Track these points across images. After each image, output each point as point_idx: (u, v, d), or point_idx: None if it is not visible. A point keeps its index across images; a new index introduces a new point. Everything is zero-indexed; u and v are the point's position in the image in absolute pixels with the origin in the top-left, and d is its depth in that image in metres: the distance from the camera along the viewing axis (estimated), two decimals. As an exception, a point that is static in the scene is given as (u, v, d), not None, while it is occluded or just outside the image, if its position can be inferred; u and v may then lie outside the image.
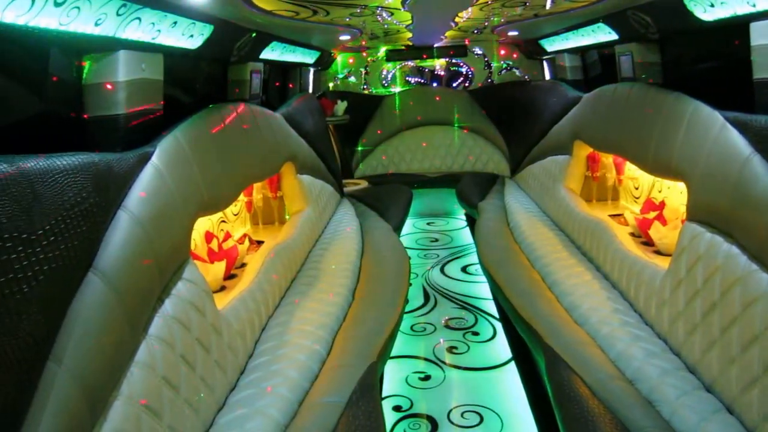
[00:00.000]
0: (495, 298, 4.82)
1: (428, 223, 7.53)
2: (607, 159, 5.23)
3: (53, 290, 1.67)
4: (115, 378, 1.91)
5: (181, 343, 2.31)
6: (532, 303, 3.51)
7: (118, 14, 2.36)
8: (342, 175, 6.85)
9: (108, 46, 2.55)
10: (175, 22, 2.88)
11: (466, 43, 7.92)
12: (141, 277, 2.13)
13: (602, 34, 4.82)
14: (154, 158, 2.52)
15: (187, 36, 3.11)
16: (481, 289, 5.24)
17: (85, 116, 2.62)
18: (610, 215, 4.50)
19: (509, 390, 3.66)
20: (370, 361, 2.77)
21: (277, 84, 6.05)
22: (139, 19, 2.54)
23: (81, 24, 2.21)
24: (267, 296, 3.35)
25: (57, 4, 2.01)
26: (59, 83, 2.58)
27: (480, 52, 8.18)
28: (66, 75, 2.61)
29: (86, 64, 2.60)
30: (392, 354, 3.53)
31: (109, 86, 2.60)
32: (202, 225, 3.65)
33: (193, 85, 4.09)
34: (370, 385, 2.56)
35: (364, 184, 7.30)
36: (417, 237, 6.97)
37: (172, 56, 3.04)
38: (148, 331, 2.17)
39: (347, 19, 4.39)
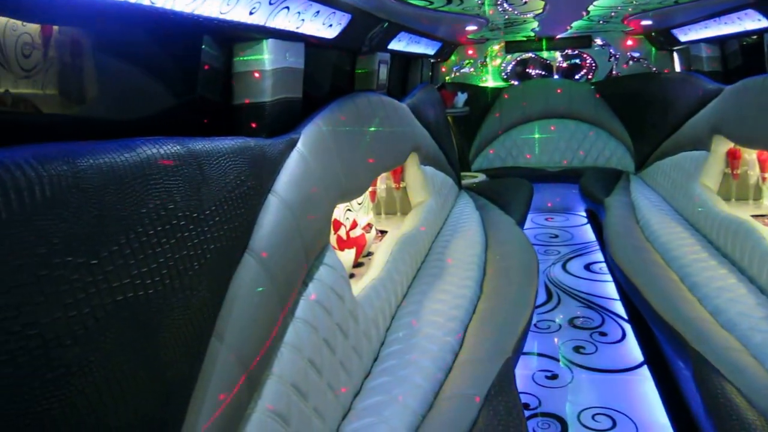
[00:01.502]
0: (624, 299, 4.60)
1: (547, 219, 7.33)
2: (750, 156, 4.87)
3: (217, 269, 1.72)
4: (268, 357, 1.96)
5: (324, 327, 2.34)
6: (673, 305, 3.31)
7: (270, 3, 2.42)
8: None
9: (256, 34, 2.61)
10: (318, 12, 2.92)
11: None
12: (290, 259, 2.18)
13: (750, 21, 4.49)
14: (299, 145, 2.57)
15: (326, 25, 3.15)
16: (606, 289, 5.03)
17: (233, 102, 2.71)
18: (752, 215, 4.19)
19: (643, 394, 3.47)
20: (505, 357, 2.70)
21: (398, 74, 6.06)
22: (288, 8, 2.59)
23: (237, 13, 2.28)
24: (396, 285, 3.35)
25: (220, -7, 2.07)
26: (210, 69, 2.67)
27: (602, 42, 7.86)
28: (216, 62, 2.70)
29: (235, 52, 2.68)
30: (519, 350, 3.44)
31: (256, 74, 2.67)
32: (331, 213, 3.70)
33: (324, 74, 4.15)
34: (508, 380, 2.50)
35: (481, 176, 7.21)
36: (536, 232, 6.79)
37: (307, 46, 3.08)
38: (294, 313, 2.22)
39: (473, 9, 4.32)
